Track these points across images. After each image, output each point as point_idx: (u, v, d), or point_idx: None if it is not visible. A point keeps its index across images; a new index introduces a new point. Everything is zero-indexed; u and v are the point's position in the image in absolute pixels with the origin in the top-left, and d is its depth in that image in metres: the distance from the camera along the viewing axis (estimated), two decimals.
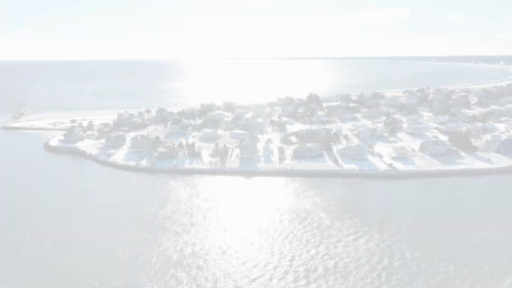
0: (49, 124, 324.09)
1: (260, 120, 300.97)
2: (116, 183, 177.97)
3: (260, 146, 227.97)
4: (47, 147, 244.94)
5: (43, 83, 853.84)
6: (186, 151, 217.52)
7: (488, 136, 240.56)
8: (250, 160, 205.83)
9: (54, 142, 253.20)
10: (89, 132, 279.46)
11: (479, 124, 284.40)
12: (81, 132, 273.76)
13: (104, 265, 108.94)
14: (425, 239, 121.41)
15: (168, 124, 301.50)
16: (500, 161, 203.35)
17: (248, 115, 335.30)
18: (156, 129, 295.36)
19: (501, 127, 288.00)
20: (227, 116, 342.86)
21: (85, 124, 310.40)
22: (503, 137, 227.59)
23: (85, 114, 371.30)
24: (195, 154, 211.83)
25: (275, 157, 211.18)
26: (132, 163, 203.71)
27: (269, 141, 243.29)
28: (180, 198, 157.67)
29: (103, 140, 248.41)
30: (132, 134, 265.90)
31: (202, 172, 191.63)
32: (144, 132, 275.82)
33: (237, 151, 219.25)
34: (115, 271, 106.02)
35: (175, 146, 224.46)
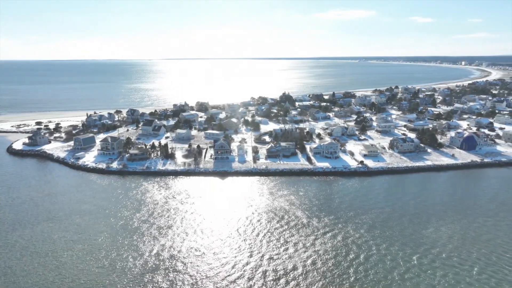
0: (12, 126, 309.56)
1: (234, 120, 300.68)
2: (86, 187, 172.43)
3: (234, 146, 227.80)
4: (11, 151, 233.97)
5: (6, 84, 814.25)
6: (159, 152, 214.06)
7: (452, 133, 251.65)
8: (225, 160, 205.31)
9: (18, 145, 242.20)
10: (56, 135, 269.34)
11: (444, 122, 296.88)
12: (47, 135, 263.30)
13: (78, 272, 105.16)
14: (397, 233, 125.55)
15: (140, 125, 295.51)
16: (463, 156, 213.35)
17: (222, 115, 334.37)
18: (127, 130, 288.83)
19: (464, 124, 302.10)
20: (201, 117, 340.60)
21: (51, 126, 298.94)
22: (466, 134, 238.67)
23: (52, 116, 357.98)
24: (168, 155, 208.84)
25: (249, 157, 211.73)
26: (102, 165, 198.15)
27: (243, 141, 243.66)
28: (155, 200, 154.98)
29: (71, 143, 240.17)
30: (102, 135, 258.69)
31: (176, 173, 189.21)
32: (114, 133, 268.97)
33: (211, 152, 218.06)
34: (90, 278, 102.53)
35: (147, 147, 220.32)
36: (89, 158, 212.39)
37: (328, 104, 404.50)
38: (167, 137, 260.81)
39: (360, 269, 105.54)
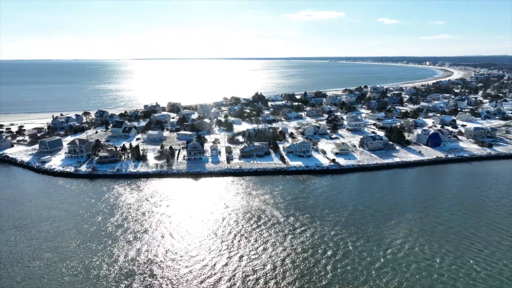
0: None
1: (207, 120, 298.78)
2: (54, 192, 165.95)
3: (207, 146, 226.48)
4: None
5: None
6: (130, 154, 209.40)
7: (419, 131, 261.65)
8: (198, 161, 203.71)
9: None
10: (20, 138, 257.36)
11: (411, 120, 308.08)
12: (9, 138, 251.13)
13: (48, 282, 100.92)
14: (370, 229, 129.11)
15: (109, 127, 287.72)
16: (429, 153, 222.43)
17: (195, 116, 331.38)
18: (96, 132, 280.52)
19: (429, 122, 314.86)
20: (173, 117, 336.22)
21: (14, 129, 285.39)
22: (431, 131, 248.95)
23: (14, 118, 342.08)
24: (140, 157, 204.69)
25: (223, 157, 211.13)
26: (70, 169, 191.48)
27: (216, 141, 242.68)
28: (128, 204, 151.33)
29: (36, 146, 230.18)
30: (70, 138, 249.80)
31: (148, 175, 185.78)
32: (83, 136, 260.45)
33: (184, 153, 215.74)
34: None
35: (117, 149, 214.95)
36: (55, 161, 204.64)
37: (300, 103, 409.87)
38: (138, 139, 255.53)
39: (336, 265, 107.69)
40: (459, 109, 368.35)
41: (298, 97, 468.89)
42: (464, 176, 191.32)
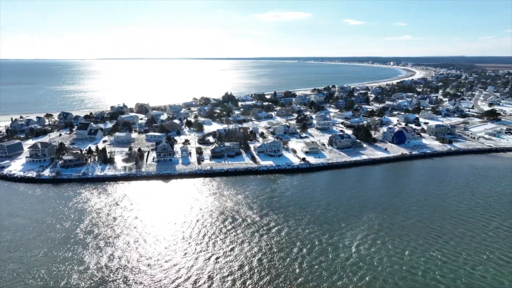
0: None
1: (176, 121, 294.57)
2: (15, 198, 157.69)
3: (177, 147, 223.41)
4: None
5: None
6: (97, 157, 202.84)
7: (384, 129, 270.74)
8: (168, 163, 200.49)
9: None
10: None
11: (377, 118, 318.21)
12: None
13: None
14: (338, 225, 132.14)
15: (74, 129, 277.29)
16: (395, 150, 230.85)
17: (164, 117, 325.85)
18: (60, 135, 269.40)
19: (394, 120, 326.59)
20: (141, 119, 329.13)
21: None
22: (396, 129, 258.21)
23: None
24: (107, 160, 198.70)
25: (193, 158, 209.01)
26: (32, 174, 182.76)
27: (186, 142, 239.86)
28: (98, 209, 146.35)
29: None
30: (31, 142, 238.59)
31: (116, 178, 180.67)
32: (45, 139, 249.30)
33: (153, 154, 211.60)
34: None
35: (83, 152, 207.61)
36: (15, 166, 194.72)
37: (270, 103, 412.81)
38: (105, 141, 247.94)
39: (311, 262, 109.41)
40: (421, 107, 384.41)
41: (268, 97, 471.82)
42: (427, 171, 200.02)
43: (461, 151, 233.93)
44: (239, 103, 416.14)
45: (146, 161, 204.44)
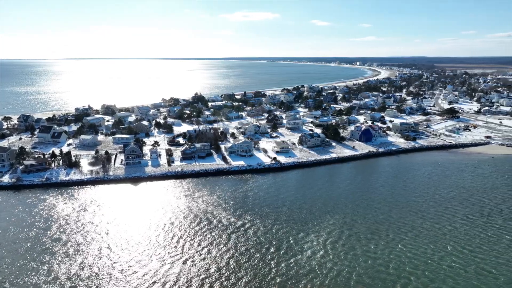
0: None
1: (145, 122, 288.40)
2: None
3: (146, 149, 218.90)
4: None
5: None
6: (61, 161, 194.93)
7: (352, 127, 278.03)
8: (137, 165, 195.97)
9: None
10: None
11: (345, 117, 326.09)
12: None
13: None
14: (307, 223, 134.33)
15: (35, 133, 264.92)
16: (362, 147, 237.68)
17: (132, 118, 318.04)
18: (20, 139, 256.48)
19: (361, 118, 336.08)
20: (108, 120, 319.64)
21: None
22: (363, 127, 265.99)
23: None
24: (72, 164, 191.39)
25: (163, 160, 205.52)
26: None
27: (156, 144, 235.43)
28: (65, 215, 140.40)
29: None
30: None
31: (82, 182, 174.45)
32: (4, 143, 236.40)
33: (121, 157, 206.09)
34: None
35: (46, 156, 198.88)
36: None
37: (240, 103, 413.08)
38: (69, 144, 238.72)
39: (280, 260, 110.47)
40: (386, 106, 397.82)
41: (238, 97, 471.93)
42: (393, 168, 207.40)
43: (424, 147, 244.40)
44: (209, 104, 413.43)
45: (114, 164, 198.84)
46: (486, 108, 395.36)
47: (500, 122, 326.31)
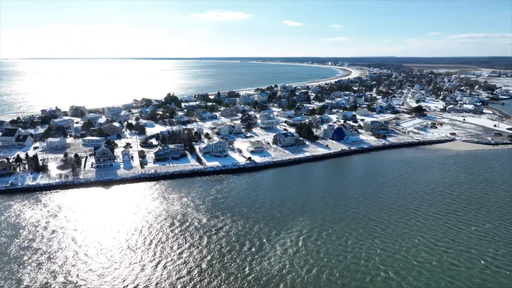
0: None
1: (116, 124, 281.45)
2: None
3: (118, 151, 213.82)
4: None
5: None
6: (27, 166, 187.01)
7: (325, 126, 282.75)
8: (108, 168, 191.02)
9: None
10: None
11: (318, 116, 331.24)
12: None
13: None
14: (283, 221, 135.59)
15: None
16: (335, 146, 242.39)
17: (102, 120, 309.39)
18: None
19: (334, 117, 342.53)
20: (77, 122, 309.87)
21: None
22: (336, 126, 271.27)
23: None
24: (39, 168, 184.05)
25: (136, 162, 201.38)
26: None
27: (128, 145, 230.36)
28: (34, 221, 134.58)
29: None
30: None
31: (51, 187, 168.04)
32: None
33: (92, 160, 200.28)
34: None
35: (10, 161, 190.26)
36: None
37: (214, 103, 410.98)
38: (36, 148, 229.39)
39: (258, 259, 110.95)
40: (358, 105, 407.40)
41: (211, 97, 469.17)
42: (365, 165, 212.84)
43: (394, 145, 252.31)
44: (183, 104, 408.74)
45: (84, 167, 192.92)
46: (451, 106, 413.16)
47: (464, 120, 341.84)
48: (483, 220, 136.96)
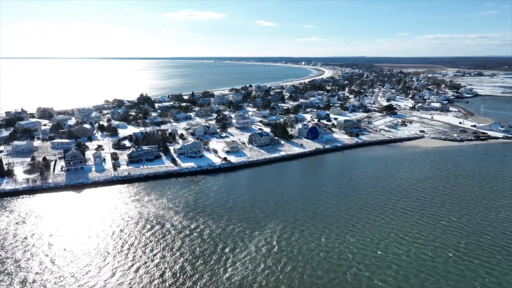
0: None
1: (86, 126, 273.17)
2: None
3: (89, 154, 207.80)
4: None
5: None
6: None
7: (299, 125, 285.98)
8: (79, 171, 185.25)
9: None
10: None
11: (292, 116, 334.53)
12: None
13: None
14: (260, 221, 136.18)
15: None
16: (309, 145, 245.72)
17: (72, 122, 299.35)
18: None
19: (308, 116, 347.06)
20: (44, 124, 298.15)
21: None
22: (310, 125, 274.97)
23: None
24: (4, 173, 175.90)
25: (108, 165, 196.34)
26: None
27: (99, 148, 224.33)
28: (1, 229, 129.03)
29: None
30: None
31: (17, 192, 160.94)
32: None
33: (61, 163, 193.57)
34: None
35: None
36: None
37: (188, 104, 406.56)
38: (0, 151, 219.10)
39: (235, 259, 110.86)
40: (331, 104, 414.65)
41: (186, 97, 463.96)
42: (338, 163, 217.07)
43: (367, 143, 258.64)
44: (156, 105, 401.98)
45: (54, 171, 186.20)
46: (420, 104, 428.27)
47: (432, 117, 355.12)
48: (449, 213, 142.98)
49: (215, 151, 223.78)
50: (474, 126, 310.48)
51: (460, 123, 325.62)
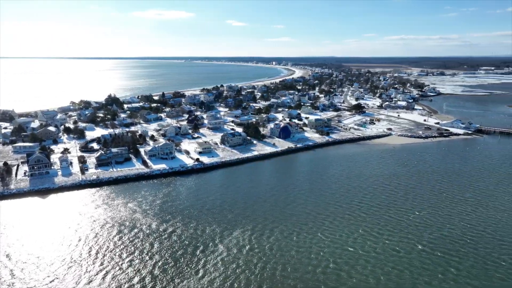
0: None
1: (51, 128, 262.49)
2: None
3: (55, 158, 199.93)
4: None
5: None
6: None
7: (271, 125, 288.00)
8: (44, 176, 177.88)
9: None
10: None
11: (264, 115, 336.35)
12: None
13: None
14: (232, 221, 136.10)
15: None
16: (282, 144, 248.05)
17: (35, 124, 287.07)
18: None
19: (280, 116, 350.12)
20: (5, 127, 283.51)
21: None
22: (282, 124, 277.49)
23: None
24: None
25: (75, 168, 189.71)
26: None
27: (66, 151, 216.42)
28: None
29: None
30: None
31: None
32: None
33: (24, 168, 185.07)
34: None
35: None
36: None
37: (159, 104, 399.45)
38: None
39: (207, 260, 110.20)
40: (302, 103, 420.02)
41: (156, 98, 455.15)
42: (310, 162, 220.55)
43: (337, 141, 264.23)
44: (125, 106, 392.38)
45: (16, 176, 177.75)
46: (387, 103, 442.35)
47: (398, 115, 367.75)
48: (419, 208, 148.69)
49: (187, 152, 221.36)
50: (438, 123, 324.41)
51: (424, 120, 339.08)
